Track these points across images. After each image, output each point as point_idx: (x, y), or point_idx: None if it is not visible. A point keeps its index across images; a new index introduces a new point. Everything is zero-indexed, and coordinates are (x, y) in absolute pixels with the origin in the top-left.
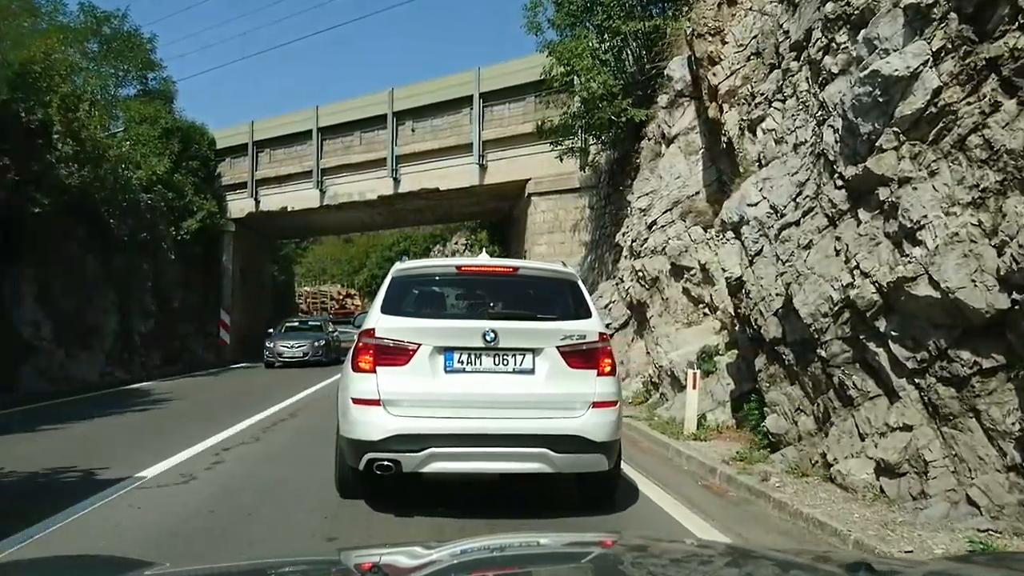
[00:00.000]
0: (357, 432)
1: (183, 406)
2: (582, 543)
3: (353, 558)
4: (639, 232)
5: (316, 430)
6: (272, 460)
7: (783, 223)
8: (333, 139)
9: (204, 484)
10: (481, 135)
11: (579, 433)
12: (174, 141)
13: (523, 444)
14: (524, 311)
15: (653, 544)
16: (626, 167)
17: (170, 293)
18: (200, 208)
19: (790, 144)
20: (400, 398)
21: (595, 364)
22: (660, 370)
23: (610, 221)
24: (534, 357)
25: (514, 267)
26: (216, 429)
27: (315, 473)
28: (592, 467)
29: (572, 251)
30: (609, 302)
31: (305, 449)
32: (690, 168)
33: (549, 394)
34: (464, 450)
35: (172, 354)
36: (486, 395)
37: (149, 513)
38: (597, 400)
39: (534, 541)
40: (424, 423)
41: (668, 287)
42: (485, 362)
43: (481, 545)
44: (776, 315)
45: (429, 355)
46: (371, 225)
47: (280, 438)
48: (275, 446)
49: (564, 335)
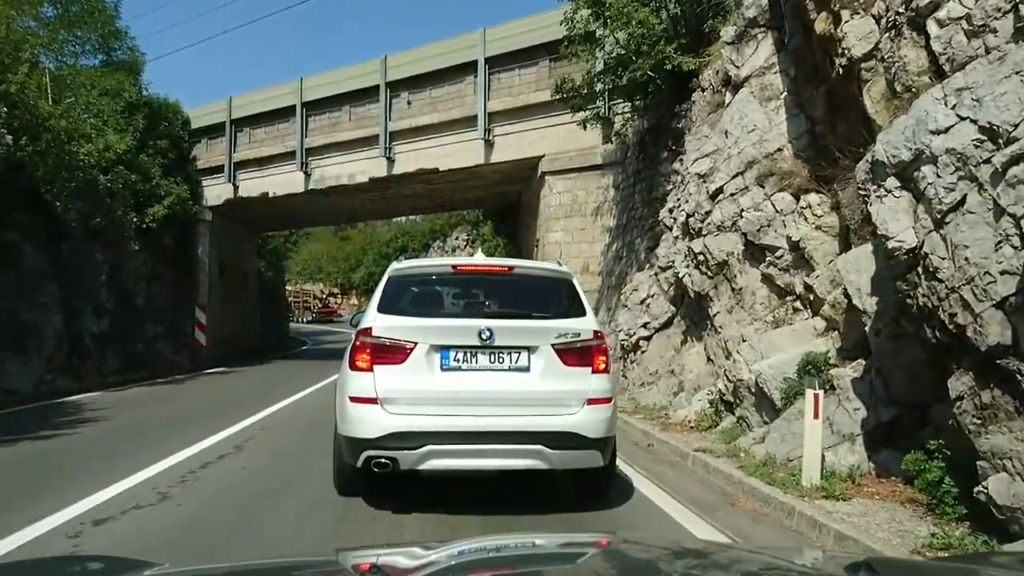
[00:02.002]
0: (355, 430)
1: (94, 434)
2: (578, 543)
3: (351, 559)
4: (698, 204)
5: (265, 479)
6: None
7: (1011, 154)
8: (319, 115)
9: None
10: (487, 106)
11: (574, 430)
12: (138, 117)
13: (519, 441)
14: (519, 310)
15: (649, 544)
16: (663, 136)
17: (133, 288)
18: (168, 192)
19: (1004, 30)
20: (397, 396)
21: (590, 361)
22: (737, 385)
23: (641, 202)
24: (529, 355)
25: (509, 266)
26: (108, 479)
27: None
28: (587, 463)
29: (593, 238)
30: (646, 296)
31: (226, 533)
32: (769, 118)
33: (544, 391)
34: (460, 447)
35: (135, 358)
36: (482, 392)
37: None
38: (592, 397)
39: (530, 541)
40: (421, 421)
41: (741, 274)
42: (481, 360)
43: (478, 546)
44: (1002, 307)
45: (426, 353)
46: (363, 214)
47: (201, 498)
48: (182, 516)
49: (559, 333)
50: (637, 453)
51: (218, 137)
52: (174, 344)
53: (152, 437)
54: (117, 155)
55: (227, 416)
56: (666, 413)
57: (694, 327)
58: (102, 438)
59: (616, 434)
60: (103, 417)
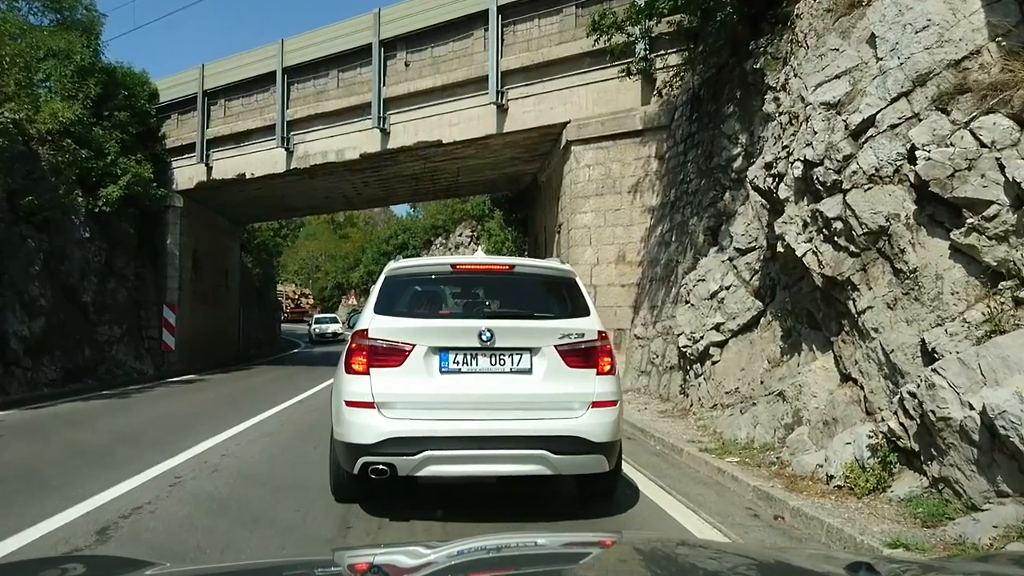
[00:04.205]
0: (351, 435)
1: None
2: (581, 543)
3: (347, 558)
4: (829, 147)
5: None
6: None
7: None
8: (303, 81)
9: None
10: (499, 64)
11: (579, 434)
12: (91, 83)
13: (521, 446)
14: (521, 310)
15: (654, 544)
16: (727, 86)
17: (79, 282)
18: (126, 171)
19: None
20: (394, 400)
21: (594, 363)
22: (933, 426)
23: (696, 172)
24: (531, 356)
25: (510, 265)
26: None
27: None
28: (592, 468)
29: (631, 220)
30: (718, 288)
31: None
32: (952, 7)
33: (547, 394)
34: (460, 453)
35: (82, 365)
36: (483, 396)
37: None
38: (597, 400)
39: (531, 541)
40: (419, 425)
41: (914, 247)
42: (481, 362)
43: (478, 545)
44: None
45: (424, 356)
46: (354, 200)
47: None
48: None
49: (562, 334)
50: (755, 527)
51: (189, 111)
52: (136, 348)
53: (10, 493)
54: (63, 125)
55: (158, 448)
56: (778, 458)
57: (812, 329)
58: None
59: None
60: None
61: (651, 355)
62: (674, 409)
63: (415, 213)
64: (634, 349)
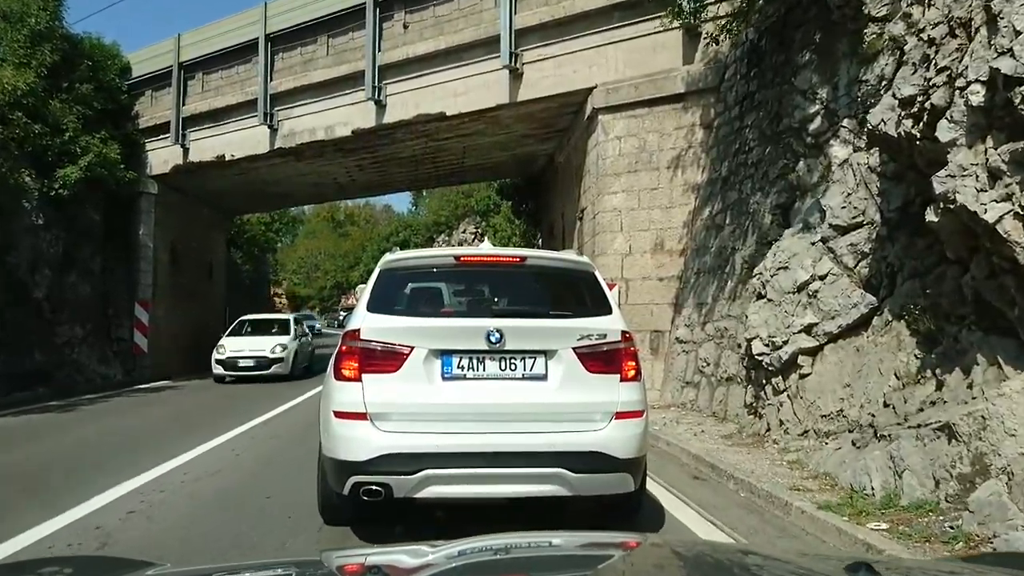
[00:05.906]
0: (340, 451)
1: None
2: (601, 543)
3: (335, 559)
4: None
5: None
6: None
7: None
8: (288, 50)
9: None
10: (513, 21)
11: (600, 449)
12: (46, 49)
13: (535, 463)
14: (534, 307)
15: (677, 545)
16: (797, 32)
17: (29, 277)
18: (87, 150)
19: None
20: (390, 411)
21: (617, 368)
22: None
23: (758, 139)
24: (546, 360)
25: (522, 256)
26: None
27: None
28: (615, 488)
29: (671, 200)
30: (809, 278)
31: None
32: None
33: (565, 403)
34: (466, 472)
35: (32, 370)
36: (491, 406)
37: None
38: (621, 410)
39: (546, 541)
40: (418, 440)
41: None
42: (489, 367)
43: (482, 545)
44: None
45: (424, 360)
46: (348, 187)
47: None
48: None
49: (581, 335)
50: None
51: (165, 87)
52: (102, 351)
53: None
54: (11, 96)
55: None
56: (955, 527)
57: (996, 335)
58: None
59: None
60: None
61: (699, 362)
62: (742, 434)
63: (416, 210)
64: (675, 355)
